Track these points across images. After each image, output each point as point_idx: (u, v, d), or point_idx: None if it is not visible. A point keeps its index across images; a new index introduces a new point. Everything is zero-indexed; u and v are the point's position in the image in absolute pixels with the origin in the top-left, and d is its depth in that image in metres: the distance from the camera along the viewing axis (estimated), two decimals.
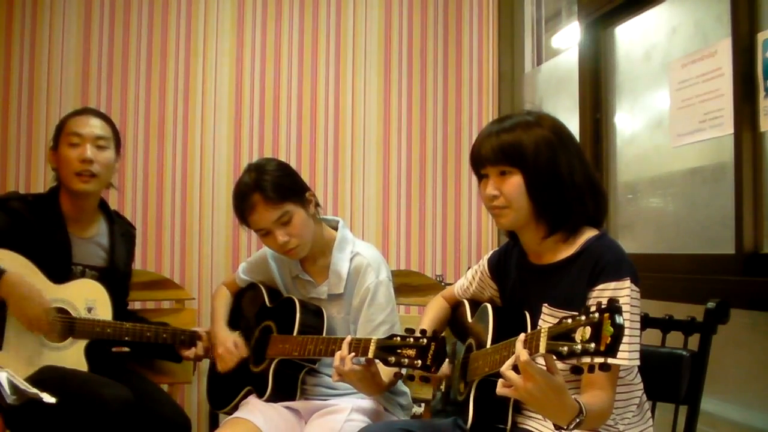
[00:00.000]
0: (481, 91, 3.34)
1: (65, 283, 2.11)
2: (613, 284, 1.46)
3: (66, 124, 2.17)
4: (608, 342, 1.16)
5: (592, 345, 1.18)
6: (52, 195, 2.18)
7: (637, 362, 1.47)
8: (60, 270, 2.11)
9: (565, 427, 1.34)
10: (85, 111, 2.23)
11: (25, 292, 1.99)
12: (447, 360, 1.76)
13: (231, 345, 2.12)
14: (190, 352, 2.23)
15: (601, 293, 1.46)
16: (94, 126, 2.16)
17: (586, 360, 1.19)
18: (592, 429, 1.47)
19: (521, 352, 1.29)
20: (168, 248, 3.07)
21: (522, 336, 1.33)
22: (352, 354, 1.75)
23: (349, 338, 1.79)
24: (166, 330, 2.20)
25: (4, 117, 2.98)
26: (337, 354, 1.77)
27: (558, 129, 1.59)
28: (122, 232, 2.31)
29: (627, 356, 1.41)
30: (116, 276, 2.24)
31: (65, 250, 2.13)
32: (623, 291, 1.45)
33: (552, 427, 1.50)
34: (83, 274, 2.16)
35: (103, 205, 2.28)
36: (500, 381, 1.34)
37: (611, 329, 1.16)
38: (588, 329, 1.19)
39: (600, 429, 1.51)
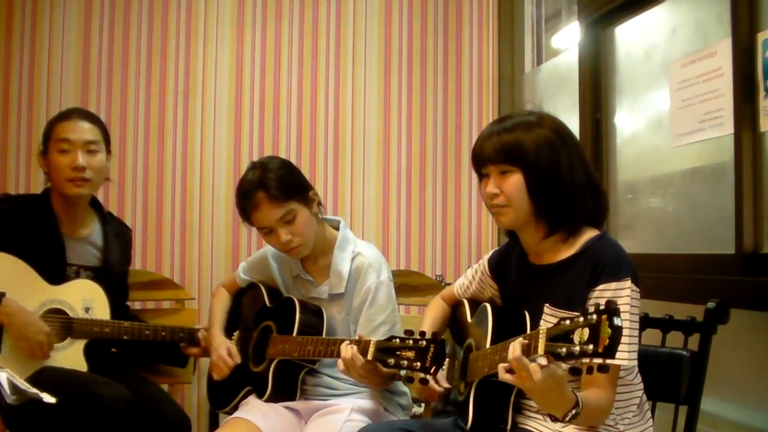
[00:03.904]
0: (481, 91, 3.34)
1: (61, 283, 2.10)
2: (613, 284, 1.46)
3: (54, 129, 2.12)
4: (606, 344, 1.16)
5: (590, 346, 1.18)
6: (45, 196, 2.17)
7: (632, 363, 1.47)
8: (54, 271, 2.10)
9: (561, 419, 1.34)
10: (73, 113, 2.18)
11: (26, 319, 1.98)
12: (446, 371, 1.77)
13: (224, 353, 2.11)
14: (195, 350, 2.23)
15: (601, 293, 1.46)
16: (83, 130, 2.12)
17: (585, 361, 1.20)
18: (591, 426, 1.48)
19: (510, 351, 1.30)
20: (168, 248, 3.07)
21: (518, 340, 1.33)
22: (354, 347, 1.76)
23: (347, 341, 1.79)
24: (165, 328, 2.20)
25: (4, 117, 2.98)
26: (346, 352, 1.77)
27: (559, 129, 1.59)
28: (116, 232, 2.29)
29: (626, 356, 1.41)
30: (111, 276, 2.23)
31: (58, 251, 2.12)
32: (624, 291, 1.45)
33: (553, 428, 1.51)
34: (78, 274, 2.15)
35: (96, 205, 2.27)
36: (500, 366, 1.36)
37: (609, 331, 1.16)
38: (586, 330, 1.19)
39: (600, 429, 1.51)
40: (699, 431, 1.66)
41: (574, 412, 1.34)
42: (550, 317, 1.55)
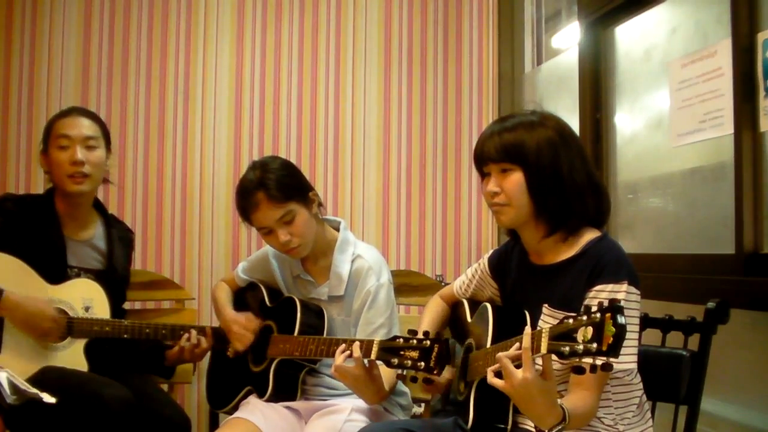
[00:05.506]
0: (481, 91, 3.34)
1: (61, 283, 2.10)
2: (610, 286, 1.46)
3: (54, 127, 2.15)
4: (610, 342, 1.16)
5: (594, 345, 1.18)
6: (48, 196, 2.18)
7: (632, 365, 1.47)
8: (55, 272, 2.10)
9: (546, 431, 1.34)
10: (72, 111, 2.21)
11: (30, 308, 1.98)
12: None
13: (243, 320, 2.12)
14: (174, 352, 2.21)
15: (597, 294, 1.46)
16: (83, 126, 2.15)
17: (588, 360, 1.20)
18: (575, 429, 1.47)
19: (529, 344, 1.30)
20: (168, 248, 3.06)
21: (528, 330, 1.33)
22: (347, 353, 1.76)
23: (342, 347, 1.79)
24: (165, 326, 2.20)
25: (4, 117, 2.97)
26: (338, 358, 1.78)
27: (561, 128, 1.59)
28: (120, 235, 2.30)
29: (618, 359, 1.39)
30: (114, 279, 2.23)
31: (60, 252, 2.12)
32: (620, 294, 1.45)
33: None
34: (78, 276, 2.15)
35: (99, 207, 2.28)
36: (491, 370, 1.35)
37: (613, 329, 1.16)
38: (590, 329, 1.19)
39: (600, 429, 1.51)
40: (699, 431, 1.66)
41: (560, 427, 1.34)
42: (548, 317, 1.55)
